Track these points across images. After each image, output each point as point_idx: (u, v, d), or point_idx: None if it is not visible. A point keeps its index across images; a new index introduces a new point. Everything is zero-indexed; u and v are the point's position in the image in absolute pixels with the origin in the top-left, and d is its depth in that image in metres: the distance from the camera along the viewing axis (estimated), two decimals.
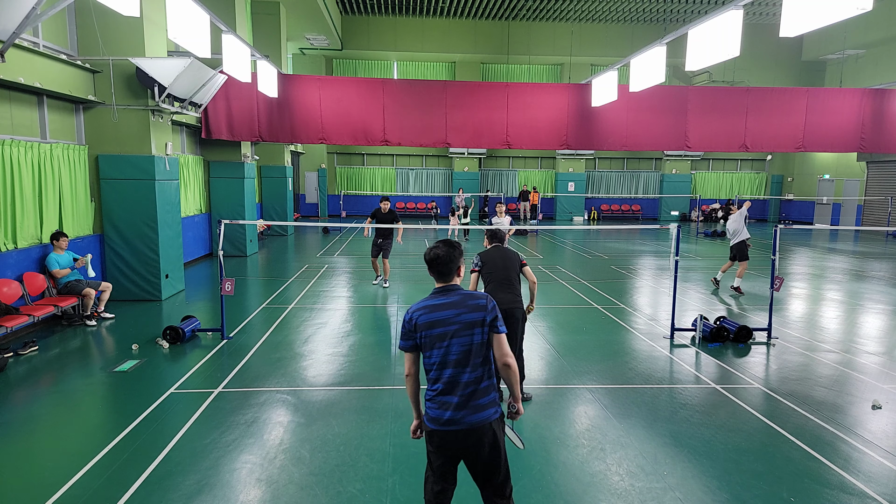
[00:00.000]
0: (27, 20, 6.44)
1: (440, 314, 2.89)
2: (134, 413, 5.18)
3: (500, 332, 2.90)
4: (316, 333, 7.87)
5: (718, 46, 8.22)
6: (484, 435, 2.85)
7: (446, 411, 2.84)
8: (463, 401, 2.84)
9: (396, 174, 29.21)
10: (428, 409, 2.93)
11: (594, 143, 14.30)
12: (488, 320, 2.88)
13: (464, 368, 2.86)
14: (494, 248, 5.58)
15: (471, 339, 2.86)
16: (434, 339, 2.88)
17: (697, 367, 6.73)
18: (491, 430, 2.87)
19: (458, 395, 2.84)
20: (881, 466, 4.41)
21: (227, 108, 13.14)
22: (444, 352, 2.87)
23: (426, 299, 2.98)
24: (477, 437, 2.84)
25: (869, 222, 23.86)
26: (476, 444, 2.85)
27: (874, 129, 14.27)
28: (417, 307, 2.96)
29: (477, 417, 2.84)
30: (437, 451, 2.93)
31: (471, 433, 2.83)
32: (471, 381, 2.85)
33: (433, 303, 2.93)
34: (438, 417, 2.86)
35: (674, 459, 4.48)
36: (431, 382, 2.93)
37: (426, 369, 2.96)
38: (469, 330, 2.86)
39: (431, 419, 2.90)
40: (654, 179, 29.95)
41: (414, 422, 3.13)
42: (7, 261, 7.49)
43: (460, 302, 2.90)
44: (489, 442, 2.87)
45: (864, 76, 23.02)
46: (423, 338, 2.91)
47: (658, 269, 13.92)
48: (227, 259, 12.94)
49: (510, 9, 24.69)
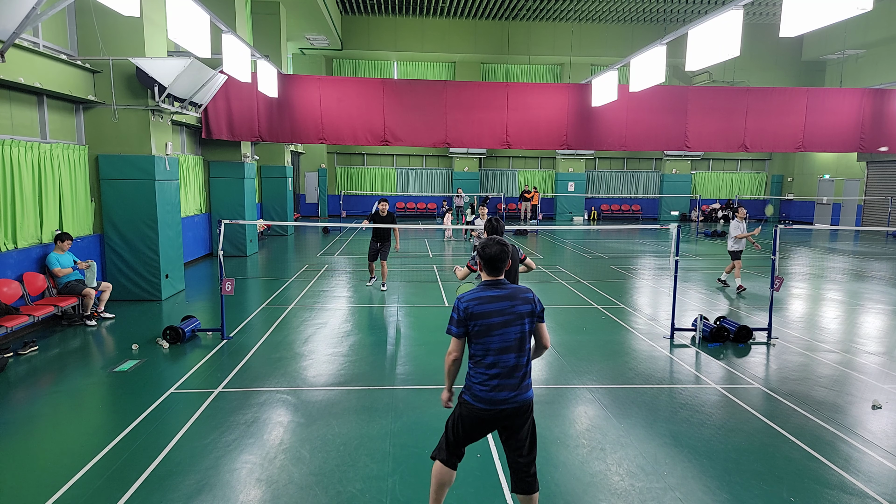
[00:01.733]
0: (27, 20, 6.44)
1: (496, 305, 3.18)
2: (134, 413, 5.18)
3: (544, 321, 3.33)
4: (316, 333, 7.87)
5: (718, 46, 8.22)
6: (529, 410, 3.26)
7: (504, 392, 3.17)
8: (518, 382, 3.20)
9: (396, 174, 29.21)
10: (479, 391, 3.20)
11: (594, 143, 14.30)
12: (537, 311, 3.26)
13: (518, 353, 3.20)
14: None
15: (523, 327, 3.20)
16: (492, 326, 3.16)
17: (697, 367, 6.73)
18: (531, 405, 3.29)
19: (515, 378, 3.19)
20: (881, 466, 4.41)
21: (227, 108, 13.14)
22: (503, 339, 3.16)
23: (479, 290, 3.25)
24: (524, 412, 3.24)
25: (869, 222, 23.86)
26: (523, 417, 3.25)
27: (874, 129, 14.27)
28: (472, 297, 3.22)
29: (526, 396, 3.24)
30: (472, 426, 3.28)
31: (520, 409, 3.22)
32: (522, 365, 3.22)
33: (489, 294, 3.21)
34: (494, 398, 3.17)
35: (674, 459, 4.48)
36: (487, 367, 3.19)
37: (480, 355, 3.20)
38: (521, 320, 3.20)
39: (484, 400, 3.19)
40: (654, 179, 29.95)
41: (445, 393, 3.45)
42: (7, 261, 7.49)
43: (513, 294, 3.22)
44: (533, 423, 3.31)
45: (864, 76, 23.02)
46: (477, 325, 3.17)
47: (658, 269, 13.92)
48: (227, 259, 12.95)
49: (510, 9, 24.68)
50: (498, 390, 3.17)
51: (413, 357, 6.96)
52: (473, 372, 3.23)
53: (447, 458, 3.37)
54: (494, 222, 5.55)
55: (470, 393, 3.24)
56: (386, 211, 10.45)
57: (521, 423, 3.25)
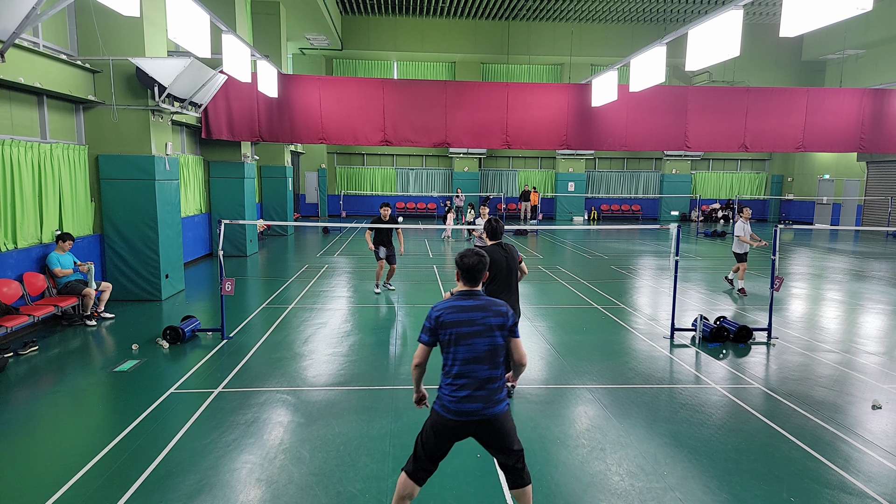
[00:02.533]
0: (27, 20, 6.44)
1: (467, 315, 3.19)
2: (134, 413, 5.18)
3: (518, 336, 3.29)
4: (316, 333, 7.87)
5: (718, 46, 8.22)
6: (502, 424, 3.21)
7: (473, 403, 3.15)
8: (488, 394, 3.17)
9: (396, 174, 29.21)
10: (447, 401, 3.19)
11: (594, 143, 14.30)
12: (509, 324, 3.23)
13: (487, 366, 3.17)
14: (497, 246, 5.42)
15: (493, 339, 3.18)
16: (461, 336, 3.17)
17: (697, 367, 6.73)
18: (508, 419, 3.24)
19: (485, 390, 3.17)
20: (881, 466, 4.41)
21: (227, 108, 13.14)
22: (471, 349, 3.16)
23: (452, 300, 3.26)
24: (496, 426, 3.20)
25: (869, 222, 23.85)
26: (496, 432, 3.21)
27: (874, 129, 14.27)
28: (444, 306, 3.23)
29: (496, 409, 3.19)
30: (441, 437, 3.23)
31: (490, 423, 3.19)
32: (495, 378, 3.20)
33: (461, 304, 3.22)
34: (462, 409, 3.15)
35: (674, 459, 4.48)
36: (455, 377, 3.19)
37: (449, 365, 3.21)
38: (492, 332, 3.18)
39: (451, 411, 3.17)
40: (654, 179, 29.96)
41: (415, 395, 3.51)
42: (7, 261, 7.49)
43: (486, 306, 3.22)
44: (510, 428, 3.26)
45: (864, 76, 23.02)
46: (447, 335, 3.19)
47: (658, 269, 13.92)
48: (227, 259, 12.95)
49: (510, 9, 24.68)
50: (466, 401, 3.14)
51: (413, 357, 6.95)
52: (443, 382, 3.23)
53: (413, 470, 3.30)
54: (494, 223, 5.49)
55: (440, 403, 3.22)
56: (388, 216, 10.24)
57: (494, 435, 3.21)
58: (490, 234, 5.46)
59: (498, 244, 5.43)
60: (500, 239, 5.47)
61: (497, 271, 5.34)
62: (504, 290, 5.39)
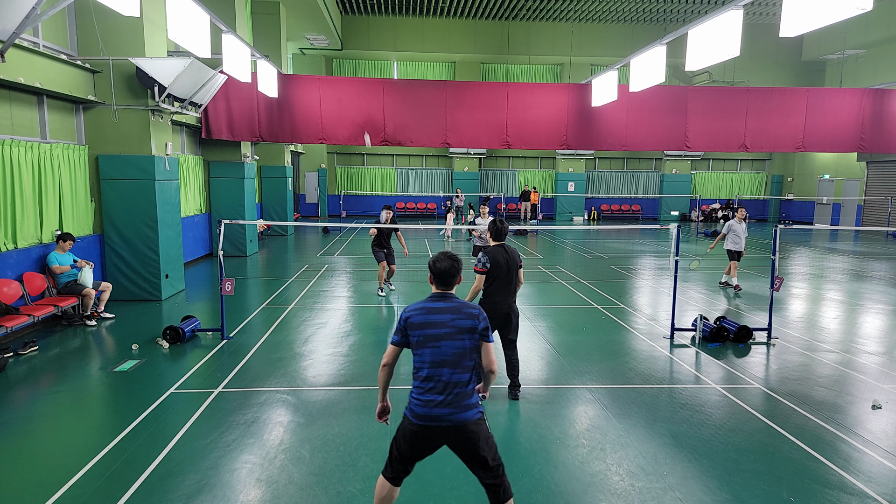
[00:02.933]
0: (27, 20, 6.44)
1: (436, 317, 3.13)
2: (134, 413, 5.18)
3: (489, 341, 3.18)
4: (316, 333, 7.87)
5: (718, 46, 8.21)
6: (474, 434, 3.08)
7: (438, 408, 3.06)
8: (454, 399, 3.07)
9: (396, 174, 29.21)
10: (414, 405, 3.13)
11: (594, 143, 14.30)
12: (479, 328, 3.14)
13: (454, 369, 3.09)
14: (500, 248, 5.45)
15: (462, 343, 3.10)
16: (428, 338, 3.11)
17: (697, 367, 6.73)
18: (481, 429, 3.11)
19: (451, 395, 3.07)
20: (881, 466, 4.41)
21: (227, 108, 13.14)
22: (439, 352, 3.09)
23: (424, 302, 3.21)
24: (465, 434, 3.08)
25: (869, 222, 23.85)
26: (465, 440, 3.09)
27: (874, 129, 14.27)
28: (414, 308, 3.19)
29: (465, 416, 3.07)
30: (412, 442, 3.15)
31: (458, 430, 3.07)
32: (462, 382, 3.09)
33: (431, 306, 3.17)
34: (428, 414, 3.07)
35: (674, 459, 4.48)
36: (423, 380, 3.13)
37: (417, 368, 3.17)
38: (461, 334, 3.10)
39: (417, 415, 3.11)
40: (654, 179, 29.95)
41: (379, 405, 3.41)
42: (7, 261, 7.49)
43: (457, 308, 3.15)
44: (483, 439, 3.11)
45: (864, 76, 23.02)
46: (415, 336, 3.14)
47: (658, 269, 13.92)
48: (227, 259, 12.95)
49: (510, 9, 24.68)
50: (432, 406, 3.06)
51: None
52: (413, 386, 3.18)
53: (389, 474, 3.26)
54: (500, 224, 5.50)
55: (409, 407, 3.17)
56: (389, 219, 10.25)
57: (468, 445, 3.10)
58: (494, 234, 5.49)
59: (501, 246, 5.46)
60: (503, 240, 5.51)
61: (498, 272, 5.35)
62: (503, 290, 5.42)
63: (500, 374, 6.27)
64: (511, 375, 5.70)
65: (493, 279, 5.38)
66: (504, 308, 5.47)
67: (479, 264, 5.38)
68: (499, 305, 5.43)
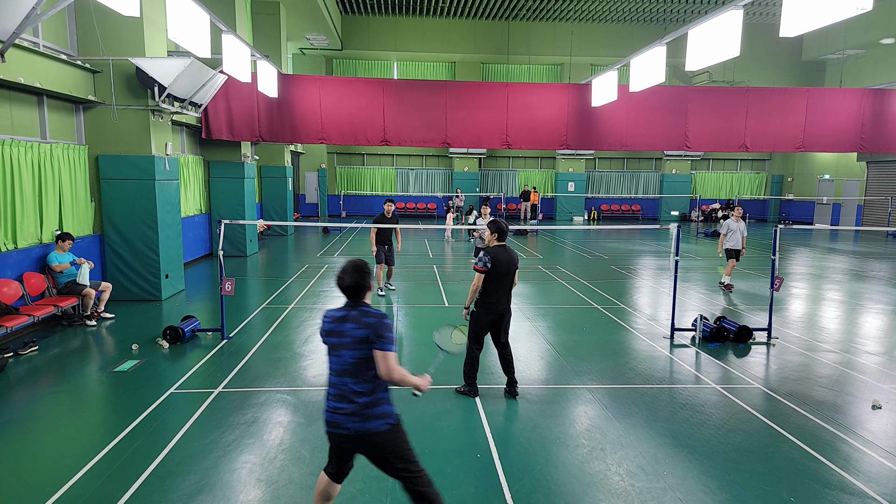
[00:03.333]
0: (27, 20, 6.44)
1: (337, 325, 3.11)
2: (134, 413, 5.18)
3: (385, 349, 3.00)
4: (316, 333, 7.87)
5: (718, 46, 8.22)
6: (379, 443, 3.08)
7: (341, 416, 3.06)
8: (357, 408, 3.05)
9: (396, 174, 29.21)
10: (325, 412, 3.15)
11: (594, 143, 14.30)
12: (374, 337, 3.02)
13: (355, 379, 3.05)
14: (501, 248, 5.47)
15: (358, 352, 3.04)
16: (332, 347, 3.13)
17: (697, 367, 6.73)
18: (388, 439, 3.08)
19: (354, 403, 3.05)
20: (881, 466, 4.41)
21: (227, 108, 13.14)
22: (339, 361, 3.09)
23: (336, 310, 3.18)
24: (372, 445, 3.09)
25: (869, 222, 23.85)
26: (373, 451, 3.11)
27: (874, 129, 14.27)
28: (328, 314, 3.19)
29: (369, 426, 3.05)
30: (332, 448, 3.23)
31: (362, 439, 3.07)
32: (365, 392, 3.05)
33: (336, 314, 3.15)
34: (333, 421, 3.10)
35: (674, 459, 4.48)
36: (330, 387, 3.15)
37: (329, 374, 3.17)
38: (357, 344, 3.04)
39: (328, 423, 3.13)
40: (654, 179, 29.95)
41: None
42: (7, 261, 7.49)
43: (357, 317, 3.08)
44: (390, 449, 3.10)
45: (864, 76, 23.02)
46: (325, 343, 3.18)
47: (658, 269, 13.92)
48: (227, 259, 12.95)
49: (510, 9, 24.68)
50: (336, 413, 3.07)
51: (413, 357, 6.95)
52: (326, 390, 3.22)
53: (331, 473, 3.32)
54: (501, 224, 5.50)
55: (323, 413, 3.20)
56: (391, 212, 10.32)
57: (372, 454, 3.12)
58: (497, 234, 5.49)
59: (502, 246, 5.49)
60: (504, 240, 5.54)
61: (497, 272, 5.37)
62: (500, 290, 5.43)
63: (498, 372, 6.30)
64: (507, 373, 5.71)
65: (492, 279, 5.39)
66: (500, 308, 5.48)
67: (479, 263, 5.38)
68: (495, 305, 5.45)
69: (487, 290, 5.42)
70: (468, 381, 5.71)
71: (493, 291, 5.41)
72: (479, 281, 5.41)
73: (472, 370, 5.68)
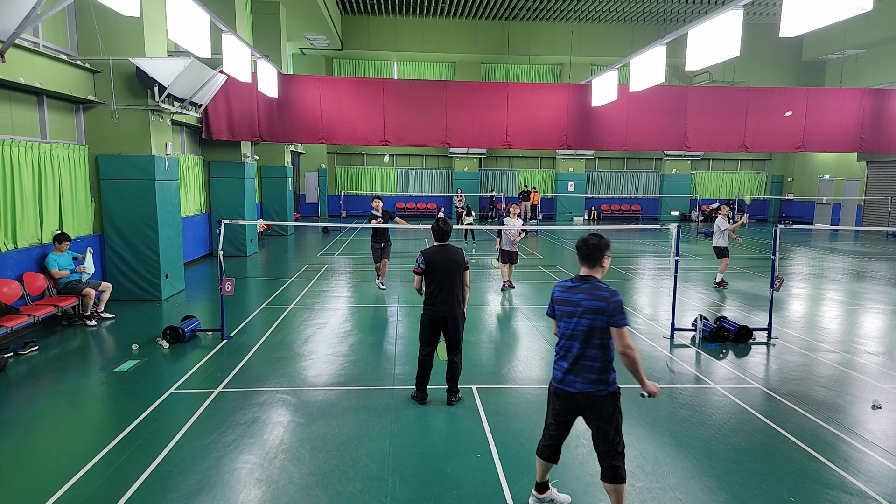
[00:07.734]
0: (27, 20, 6.44)
1: (572, 295, 3.54)
2: (134, 413, 5.18)
3: (620, 325, 3.40)
4: (316, 333, 7.87)
5: (718, 46, 8.22)
6: (596, 404, 3.46)
7: (559, 373, 3.55)
8: (577, 369, 3.48)
9: (396, 174, 29.20)
10: (553, 368, 3.64)
11: (594, 143, 14.30)
12: (608, 311, 3.39)
13: (584, 344, 3.46)
14: (439, 248, 5.32)
15: (592, 322, 3.43)
16: (563, 314, 3.55)
17: (697, 367, 6.73)
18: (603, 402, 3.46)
19: (572, 364, 3.49)
20: (881, 466, 4.41)
21: (227, 108, 13.14)
22: (572, 326, 3.49)
23: (568, 280, 3.65)
24: (589, 404, 3.48)
25: (869, 222, 23.85)
26: (589, 408, 3.49)
27: (874, 129, 14.27)
28: (560, 284, 3.67)
29: (587, 388, 3.46)
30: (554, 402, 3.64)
31: (582, 397, 3.47)
32: (587, 356, 3.46)
33: (571, 285, 3.61)
34: (555, 377, 3.60)
35: (674, 459, 4.48)
36: (558, 348, 3.60)
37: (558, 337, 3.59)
38: (592, 315, 3.42)
39: (553, 378, 3.63)
40: (654, 179, 29.95)
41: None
42: (7, 261, 7.49)
43: (588, 290, 3.50)
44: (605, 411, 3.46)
45: (864, 76, 23.02)
46: (556, 310, 3.61)
47: (658, 269, 13.91)
48: (227, 259, 12.95)
49: (510, 9, 24.68)
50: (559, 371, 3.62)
51: (413, 357, 6.94)
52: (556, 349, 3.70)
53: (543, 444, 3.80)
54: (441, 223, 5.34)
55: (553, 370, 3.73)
56: (380, 208, 10.49)
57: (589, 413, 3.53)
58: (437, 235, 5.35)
59: (442, 246, 5.33)
60: (446, 241, 5.39)
61: (435, 274, 5.22)
62: (442, 293, 5.24)
63: (498, 372, 6.28)
64: (447, 380, 5.50)
65: (431, 280, 5.24)
66: (442, 310, 5.24)
67: (415, 264, 5.30)
68: (437, 307, 5.24)
69: (429, 293, 5.28)
70: (416, 387, 5.55)
71: (433, 293, 5.25)
72: (416, 283, 5.32)
73: (419, 374, 5.47)
